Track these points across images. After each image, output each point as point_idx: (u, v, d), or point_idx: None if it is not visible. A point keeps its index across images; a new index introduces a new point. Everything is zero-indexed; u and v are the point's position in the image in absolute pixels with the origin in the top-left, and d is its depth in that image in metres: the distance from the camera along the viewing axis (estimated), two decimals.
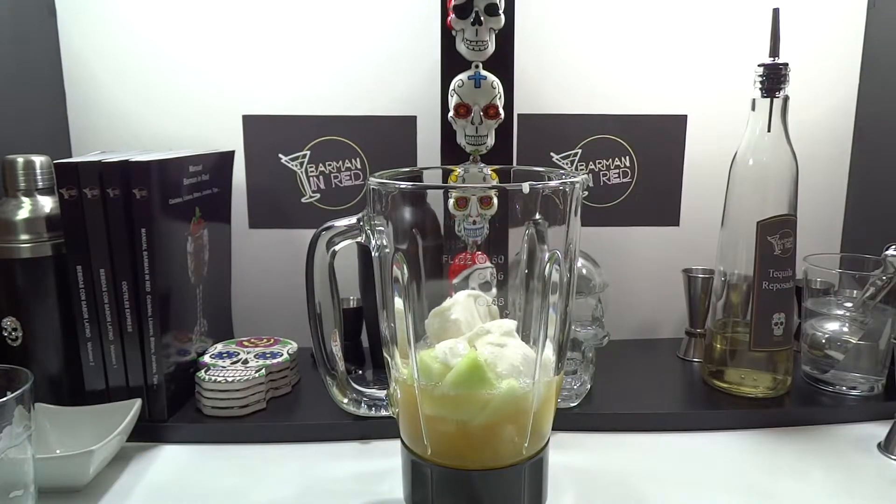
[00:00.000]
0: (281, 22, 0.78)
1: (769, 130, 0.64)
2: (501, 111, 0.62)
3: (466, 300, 0.48)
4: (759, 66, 0.65)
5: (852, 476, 0.57)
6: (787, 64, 0.64)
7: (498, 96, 0.62)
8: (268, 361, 0.67)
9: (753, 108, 0.66)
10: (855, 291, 0.70)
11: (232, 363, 0.67)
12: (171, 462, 0.59)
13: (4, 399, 0.45)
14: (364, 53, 0.79)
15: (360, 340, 0.76)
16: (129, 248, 0.60)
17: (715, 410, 0.67)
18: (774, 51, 0.64)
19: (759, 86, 0.65)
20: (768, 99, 0.65)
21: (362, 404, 0.51)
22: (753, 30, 0.80)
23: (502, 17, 0.61)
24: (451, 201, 0.54)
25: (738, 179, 0.67)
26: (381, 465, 0.58)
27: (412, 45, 0.79)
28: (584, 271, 0.66)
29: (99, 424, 0.56)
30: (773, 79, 0.64)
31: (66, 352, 0.62)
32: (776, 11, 0.63)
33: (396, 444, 0.49)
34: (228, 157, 0.77)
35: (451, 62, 0.63)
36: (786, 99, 0.65)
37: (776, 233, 0.64)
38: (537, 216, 0.46)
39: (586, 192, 0.83)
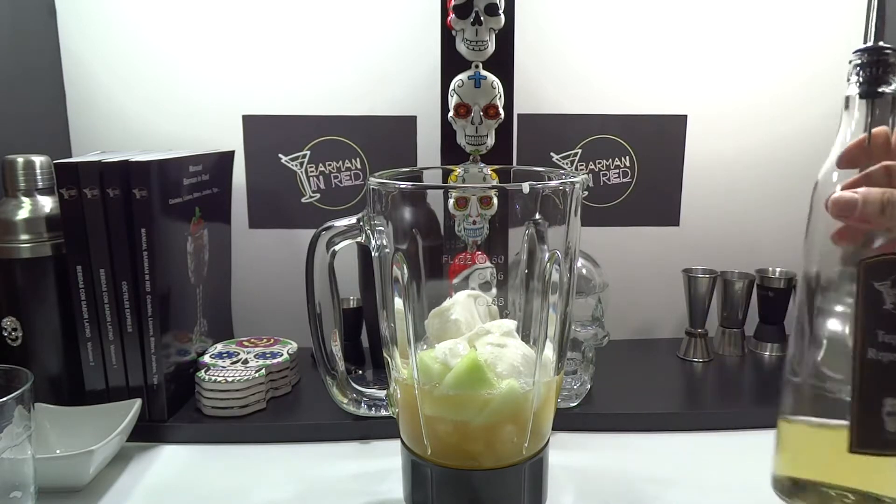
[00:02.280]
0: (281, 22, 0.78)
1: (869, 141, 0.46)
2: (501, 111, 0.62)
3: (466, 300, 0.48)
4: (855, 52, 0.46)
5: None
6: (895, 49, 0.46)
7: (498, 96, 0.62)
8: (268, 361, 0.67)
9: (848, 110, 0.47)
10: None
11: (232, 363, 0.67)
12: (171, 462, 0.59)
13: (4, 399, 0.45)
14: (364, 53, 0.79)
15: (360, 340, 0.76)
16: (129, 248, 0.60)
17: (715, 410, 0.67)
18: (879, 32, 0.46)
19: (857, 79, 0.46)
20: (868, 99, 0.46)
21: (362, 404, 0.51)
22: (753, 30, 0.81)
23: (502, 17, 0.61)
24: (451, 201, 0.54)
25: (823, 210, 0.46)
26: (381, 465, 0.58)
27: (412, 45, 0.79)
28: (584, 271, 0.66)
29: (99, 424, 0.56)
30: (878, 68, 0.46)
31: (66, 352, 0.62)
32: None
33: (396, 444, 0.49)
34: (228, 157, 0.77)
35: (451, 62, 0.63)
36: (894, 98, 0.46)
37: (887, 278, 0.44)
38: (537, 216, 0.46)
39: (586, 192, 0.83)
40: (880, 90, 0.46)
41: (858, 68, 0.46)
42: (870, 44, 0.46)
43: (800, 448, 0.50)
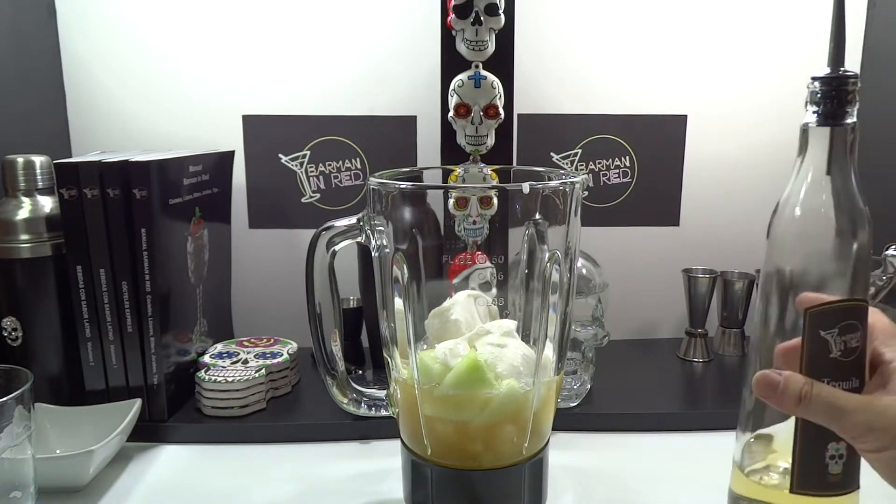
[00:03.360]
0: (280, 22, 0.78)
1: (828, 173, 0.43)
2: (501, 111, 0.62)
3: (466, 300, 0.48)
4: (814, 79, 0.43)
5: None
6: (856, 77, 0.42)
7: (498, 96, 0.62)
8: (268, 361, 0.67)
9: (805, 140, 0.44)
10: None
11: (232, 363, 0.67)
12: (171, 462, 0.59)
13: (4, 399, 0.45)
14: (364, 53, 0.79)
15: (360, 340, 0.76)
16: (129, 248, 0.60)
17: (715, 410, 0.67)
18: (837, 58, 0.43)
19: (815, 108, 0.43)
20: (827, 128, 0.43)
21: (362, 404, 0.51)
22: (753, 30, 0.81)
23: (502, 17, 0.61)
24: (451, 201, 0.54)
25: (779, 242, 0.45)
26: (381, 465, 0.58)
27: (412, 45, 0.79)
28: (584, 271, 0.66)
29: (99, 424, 0.56)
30: (837, 98, 0.42)
31: (66, 352, 0.62)
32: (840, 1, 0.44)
33: (396, 444, 0.49)
34: (228, 157, 0.77)
35: (451, 62, 0.63)
36: (853, 128, 0.43)
37: (834, 326, 0.42)
38: (537, 216, 0.46)
39: (586, 192, 0.83)
40: (840, 121, 0.43)
41: (818, 96, 0.43)
42: (829, 70, 0.43)
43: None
